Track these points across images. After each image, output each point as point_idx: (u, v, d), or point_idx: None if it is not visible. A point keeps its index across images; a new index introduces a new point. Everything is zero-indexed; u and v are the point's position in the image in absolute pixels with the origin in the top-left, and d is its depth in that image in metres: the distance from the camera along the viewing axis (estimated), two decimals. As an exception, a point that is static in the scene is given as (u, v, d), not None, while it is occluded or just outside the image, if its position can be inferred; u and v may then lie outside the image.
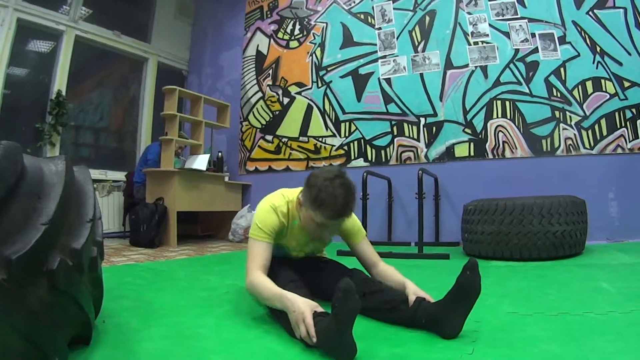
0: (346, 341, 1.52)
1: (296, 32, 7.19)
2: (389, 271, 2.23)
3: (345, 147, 6.51)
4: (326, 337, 1.55)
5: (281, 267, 2.18)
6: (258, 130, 7.33)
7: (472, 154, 5.72)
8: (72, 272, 1.39)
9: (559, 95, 5.39)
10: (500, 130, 5.58)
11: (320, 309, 1.68)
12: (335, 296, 1.53)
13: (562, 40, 5.46)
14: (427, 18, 6.18)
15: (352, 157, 6.45)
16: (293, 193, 2.24)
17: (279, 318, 1.89)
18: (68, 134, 6.46)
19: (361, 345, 1.55)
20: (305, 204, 2.05)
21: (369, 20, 6.59)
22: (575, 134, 5.28)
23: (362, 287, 2.06)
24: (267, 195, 2.30)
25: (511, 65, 5.64)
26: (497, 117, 5.61)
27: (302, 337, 1.63)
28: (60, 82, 6.17)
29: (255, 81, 7.47)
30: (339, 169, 2.04)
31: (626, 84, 5.17)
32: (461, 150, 5.78)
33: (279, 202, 2.20)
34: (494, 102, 5.65)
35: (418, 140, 6.03)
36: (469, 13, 5.93)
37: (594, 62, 5.31)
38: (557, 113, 5.38)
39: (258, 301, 2.12)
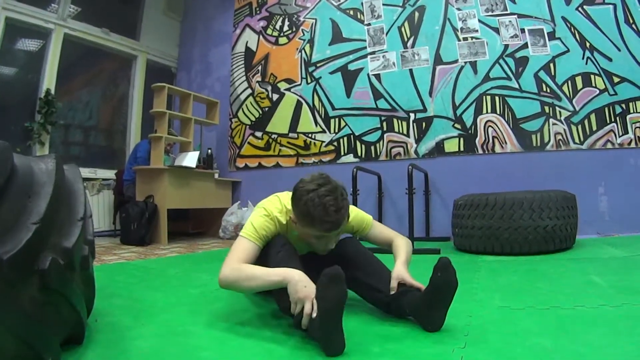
0: (333, 334, 1.52)
1: (285, 28, 7.17)
2: (394, 248, 2.19)
3: (335, 143, 6.51)
4: (315, 328, 1.56)
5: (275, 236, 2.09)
6: (247, 126, 7.30)
7: (462, 149, 5.73)
8: (63, 271, 1.38)
9: (548, 90, 5.42)
10: (490, 126, 5.60)
11: None
12: (319, 282, 1.54)
13: (552, 36, 5.48)
14: (417, 14, 6.18)
15: (342, 153, 6.45)
16: (289, 199, 2.05)
17: (276, 293, 1.85)
18: (57, 133, 6.41)
19: (354, 341, 1.56)
20: (298, 222, 1.95)
21: (358, 16, 6.58)
22: (565, 129, 5.30)
23: (355, 263, 2.08)
24: (267, 201, 2.19)
25: (501, 61, 5.66)
26: (487, 112, 5.63)
27: (297, 313, 1.63)
28: (49, 80, 6.12)
29: (244, 78, 7.44)
30: (321, 175, 1.92)
31: (616, 80, 5.19)
32: (451, 146, 5.79)
33: (277, 211, 2.09)
34: (484, 97, 5.66)
35: (408, 135, 6.04)
36: (459, 9, 5.94)
37: (583, 58, 5.34)
38: (546, 108, 5.40)
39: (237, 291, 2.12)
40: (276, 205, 2.11)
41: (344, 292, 1.52)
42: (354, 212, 2.20)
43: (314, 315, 1.56)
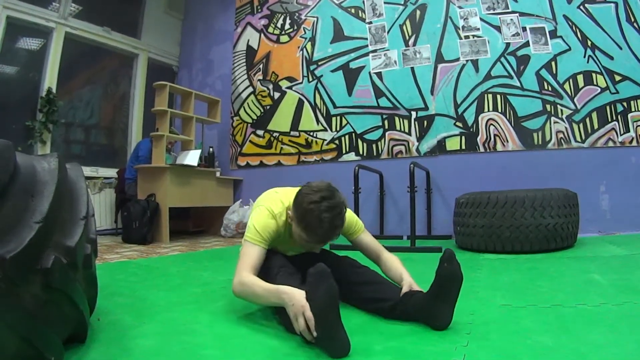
0: (334, 334, 1.51)
1: (287, 26, 7.17)
2: (389, 262, 2.19)
3: (337, 142, 6.51)
4: (316, 331, 1.55)
5: (272, 255, 2.16)
6: (249, 125, 7.31)
7: (463, 147, 5.73)
8: (66, 270, 1.39)
9: (550, 88, 5.41)
10: (492, 124, 5.59)
11: None
12: (307, 282, 1.56)
13: (553, 34, 5.48)
14: (418, 12, 6.18)
15: (344, 151, 6.45)
16: (290, 198, 2.12)
17: (278, 313, 1.90)
18: (59, 132, 6.41)
19: (356, 339, 1.56)
20: (294, 221, 2.02)
21: (360, 15, 6.58)
22: (566, 127, 5.30)
23: (350, 276, 2.11)
24: (265, 197, 2.27)
25: (502, 59, 5.65)
26: (489, 110, 5.63)
27: (300, 331, 1.61)
28: (50, 79, 6.12)
29: (245, 76, 7.45)
30: (328, 186, 1.98)
31: (617, 78, 5.19)
32: (452, 144, 5.79)
33: (278, 209, 2.14)
34: (485, 95, 5.66)
35: (409, 134, 6.04)
36: (460, 7, 5.93)
37: (585, 56, 5.33)
38: (548, 106, 5.39)
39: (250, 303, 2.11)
40: (278, 204, 2.15)
41: (334, 287, 1.53)
42: (350, 216, 2.23)
43: (314, 334, 1.55)
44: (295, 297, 1.65)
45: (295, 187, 2.13)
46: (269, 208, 2.13)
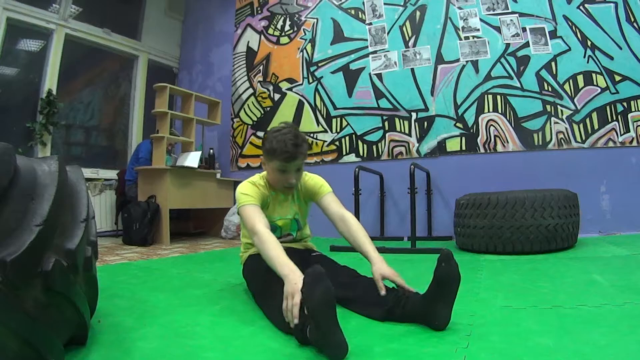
0: (331, 335, 1.50)
1: (287, 28, 7.17)
2: (355, 234, 2.28)
3: (337, 143, 6.51)
4: (313, 333, 1.55)
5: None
6: (249, 126, 7.31)
7: (463, 148, 5.73)
8: (67, 273, 1.39)
9: (550, 89, 5.41)
10: (492, 125, 5.59)
11: None
12: (304, 282, 1.56)
13: (553, 34, 5.47)
14: (418, 13, 6.18)
15: (344, 153, 6.45)
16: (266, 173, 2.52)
17: (262, 305, 2.11)
18: (59, 133, 6.42)
19: (356, 341, 1.56)
20: (265, 159, 2.39)
21: (360, 16, 6.58)
22: (566, 128, 5.30)
23: (347, 284, 2.13)
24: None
25: (502, 60, 5.65)
26: (489, 111, 5.62)
27: (288, 309, 1.67)
28: (50, 81, 6.13)
29: (246, 77, 7.45)
30: (288, 123, 2.38)
31: (617, 78, 5.19)
32: (453, 145, 5.79)
33: (255, 178, 2.51)
34: (485, 96, 5.66)
35: (409, 135, 6.04)
36: (460, 8, 5.93)
37: (584, 57, 5.33)
38: (548, 107, 5.39)
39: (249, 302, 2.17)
40: (254, 176, 2.56)
41: (330, 289, 1.52)
42: (317, 177, 2.61)
43: (306, 312, 1.57)
44: (298, 279, 1.70)
45: None
46: (249, 180, 2.49)
